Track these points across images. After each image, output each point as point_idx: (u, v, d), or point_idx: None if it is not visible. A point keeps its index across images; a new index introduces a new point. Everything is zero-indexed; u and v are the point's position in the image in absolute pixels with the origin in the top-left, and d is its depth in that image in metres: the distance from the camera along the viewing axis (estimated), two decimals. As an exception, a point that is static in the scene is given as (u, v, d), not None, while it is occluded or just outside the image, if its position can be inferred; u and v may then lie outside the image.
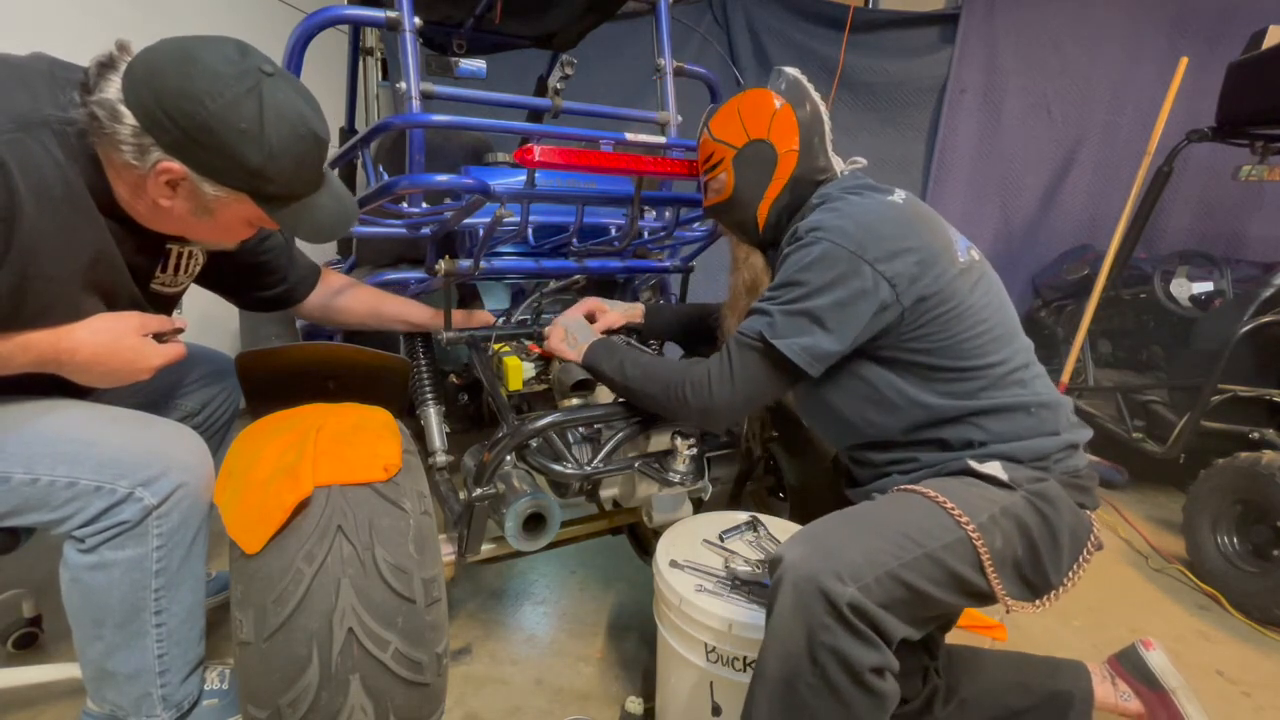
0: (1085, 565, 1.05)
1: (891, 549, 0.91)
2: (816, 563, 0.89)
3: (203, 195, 0.95)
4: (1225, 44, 2.95)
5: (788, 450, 1.59)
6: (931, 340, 1.05)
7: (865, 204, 1.10)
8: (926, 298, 1.04)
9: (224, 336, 2.97)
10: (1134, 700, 1.25)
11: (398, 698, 0.93)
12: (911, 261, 1.03)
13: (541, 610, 1.78)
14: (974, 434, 1.06)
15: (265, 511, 0.92)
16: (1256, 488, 1.87)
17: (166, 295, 1.18)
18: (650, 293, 1.99)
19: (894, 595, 0.89)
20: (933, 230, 1.09)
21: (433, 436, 1.38)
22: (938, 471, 1.08)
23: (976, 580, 0.95)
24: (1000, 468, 1.02)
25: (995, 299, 1.11)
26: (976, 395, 1.06)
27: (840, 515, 1.01)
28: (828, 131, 1.20)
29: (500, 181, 1.45)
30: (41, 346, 0.94)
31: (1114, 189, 3.27)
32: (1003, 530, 0.97)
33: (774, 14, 3.57)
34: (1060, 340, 2.94)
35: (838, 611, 0.85)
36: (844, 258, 1.02)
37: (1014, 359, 1.09)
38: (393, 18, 1.29)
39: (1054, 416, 1.08)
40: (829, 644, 0.86)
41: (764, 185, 1.19)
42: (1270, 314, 2.12)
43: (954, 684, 1.21)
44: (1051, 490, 1.01)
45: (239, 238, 1.11)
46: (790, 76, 1.20)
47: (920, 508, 0.98)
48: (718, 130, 1.23)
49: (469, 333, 1.47)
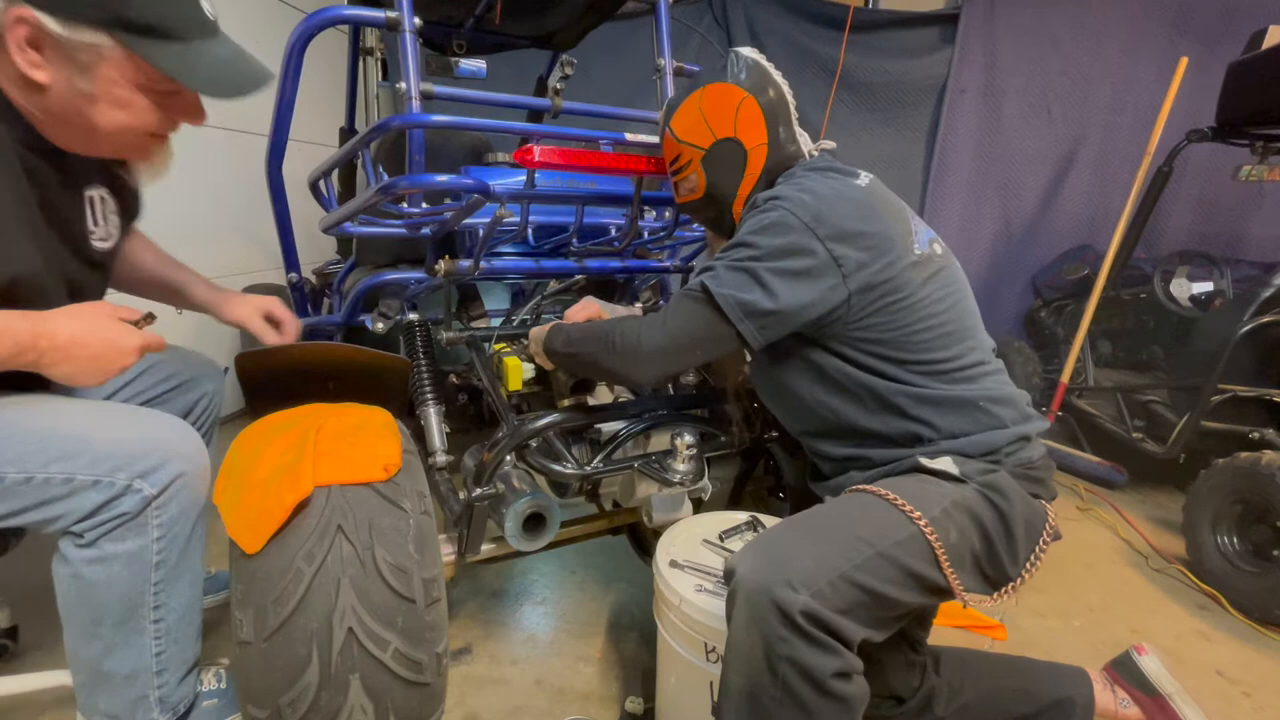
0: (1042, 556, 1.04)
1: (842, 551, 0.90)
2: (767, 573, 0.88)
3: (71, 52, 0.89)
4: (1225, 44, 2.95)
5: (788, 450, 1.59)
6: (878, 330, 1.04)
7: (828, 182, 1.09)
8: (874, 285, 1.02)
9: (224, 336, 2.97)
10: (1133, 707, 1.25)
11: (398, 698, 0.93)
12: (862, 245, 1.02)
13: (541, 610, 1.78)
14: (921, 430, 1.05)
15: (265, 511, 0.92)
16: (1256, 488, 1.86)
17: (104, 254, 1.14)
18: (650, 293, 1.99)
19: (849, 598, 0.88)
20: (892, 217, 1.08)
21: (433, 436, 1.38)
22: (890, 471, 1.07)
23: (933, 575, 0.94)
24: (951, 462, 1.02)
25: (953, 294, 1.10)
26: (924, 387, 1.05)
27: (790, 522, 1.01)
28: (793, 111, 1.18)
29: (500, 181, 1.45)
30: (17, 332, 0.89)
31: (1114, 189, 3.27)
32: (956, 523, 0.96)
33: (774, 14, 3.58)
34: (1060, 340, 2.94)
35: (791, 621, 0.84)
36: (797, 228, 1.01)
37: (965, 356, 1.08)
38: (393, 18, 1.28)
39: (1003, 411, 1.07)
40: (787, 655, 0.85)
41: (736, 183, 1.18)
42: (1270, 314, 2.12)
43: (956, 687, 1.20)
44: (1002, 481, 1.01)
45: (139, 121, 0.99)
46: (749, 60, 1.16)
47: (871, 507, 0.97)
48: (681, 131, 1.19)
49: (469, 333, 1.47)
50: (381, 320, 1.59)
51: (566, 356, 1.22)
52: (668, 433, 1.37)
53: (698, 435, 1.37)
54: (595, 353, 1.15)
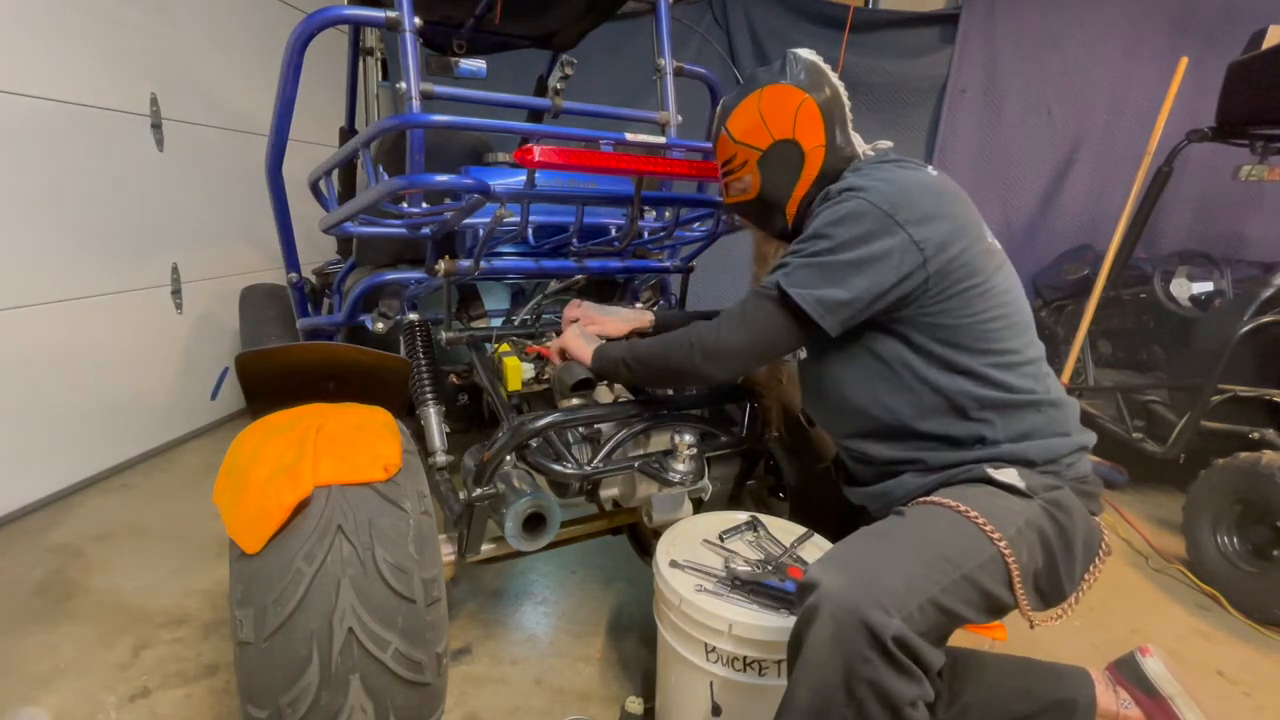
0: (1097, 573, 1.04)
1: (931, 574, 0.88)
2: (857, 592, 0.84)
3: None
4: (1225, 44, 2.94)
5: (788, 450, 1.59)
6: (952, 315, 1.04)
7: (903, 171, 1.09)
8: (953, 268, 1.02)
9: (224, 336, 2.97)
10: (1134, 708, 1.25)
11: (398, 697, 0.93)
12: (943, 229, 1.02)
13: (541, 610, 1.78)
14: (985, 430, 1.05)
15: (265, 511, 0.92)
16: (1256, 488, 1.86)
17: None
18: (650, 293, 1.99)
19: (933, 622, 0.86)
20: (965, 205, 1.09)
21: (433, 436, 1.38)
22: (950, 477, 1.06)
23: (1004, 596, 0.93)
24: (1017, 475, 1.01)
25: (1016, 287, 1.11)
26: (990, 382, 1.04)
27: (870, 535, 0.98)
28: (848, 111, 1.17)
29: (500, 181, 1.45)
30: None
31: (1114, 189, 3.27)
32: (1027, 543, 0.95)
33: (774, 14, 3.57)
34: (1060, 340, 2.93)
35: (881, 645, 0.81)
36: (875, 215, 1.00)
37: (1029, 350, 1.08)
38: (393, 18, 1.28)
39: (1063, 417, 1.07)
40: (868, 677, 0.82)
41: (793, 184, 1.17)
42: (1270, 314, 2.12)
43: (957, 688, 1.20)
44: (1066, 499, 1.00)
45: None
46: (807, 62, 1.15)
47: (950, 524, 0.96)
48: (738, 132, 1.18)
49: (469, 333, 1.47)
50: (381, 320, 1.59)
51: (631, 368, 1.23)
52: (668, 433, 1.37)
53: (698, 435, 1.36)
54: (669, 357, 1.16)
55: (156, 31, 2.49)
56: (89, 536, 2.03)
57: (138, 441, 2.59)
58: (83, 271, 2.28)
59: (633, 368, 1.23)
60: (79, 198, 2.25)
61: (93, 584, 1.80)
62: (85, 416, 2.33)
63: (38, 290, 2.13)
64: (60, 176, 2.17)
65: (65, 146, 2.18)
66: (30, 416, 2.13)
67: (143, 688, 1.43)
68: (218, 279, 2.93)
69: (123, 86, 2.38)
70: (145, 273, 2.54)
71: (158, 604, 1.71)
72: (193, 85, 2.69)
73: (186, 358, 2.78)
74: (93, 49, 2.26)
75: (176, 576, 1.84)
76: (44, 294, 2.15)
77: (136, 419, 2.56)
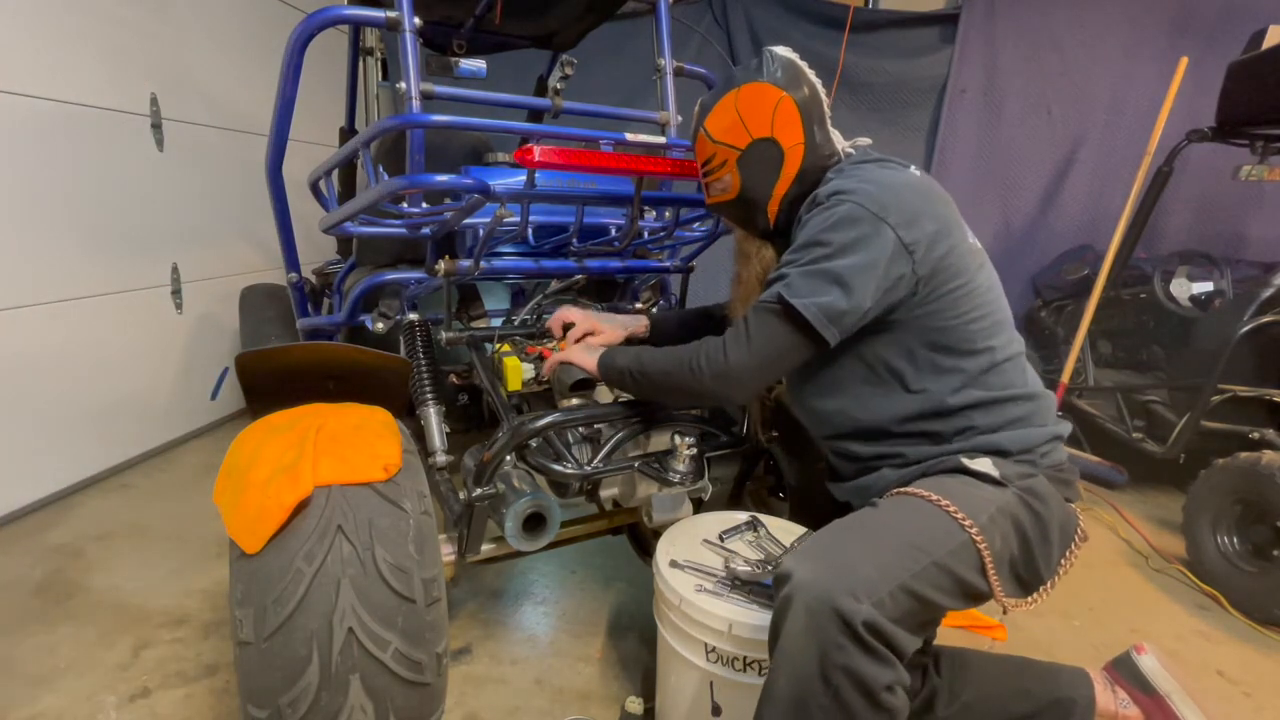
0: (1073, 559, 1.05)
1: (902, 560, 0.90)
2: (829, 581, 0.86)
3: None
4: (1225, 44, 2.94)
5: (788, 450, 1.59)
6: (940, 318, 1.05)
7: (887, 172, 1.10)
8: (940, 270, 1.03)
9: (224, 336, 2.97)
10: (1133, 707, 1.25)
11: (398, 698, 0.93)
12: (930, 229, 1.02)
13: (541, 610, 1.78)
14: (965, 425, 1.06)
15: (265, 511, 0.92)
16: (1256, 488, 1.86)
17: None
18: (650, 293, 1.99)
19: (905, 608, 0.87)
20: (949, 206, 1.10)
21: (433, 436, 1.38)
22: (928, 469, 1.07)
23: (978, 582, 0.95)
24: (991, 464, 1.02)
25: (996, 286, 1.13)
26: (975, 382, 1.06)
27: (843, 526, 1.00)
28: (827, 110, 1.17)
29: (500, 181, 1.45)
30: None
31: (1114, 189, 3.27)
32: (1000, 530, 0.97)
33: (774, 14, 3.57)
34: (1060, 340, 2.94)
35: (853, 631, 0.83)
36: (867, 219, 1.00)
37: (1010, 347, 1.10)
38: (393, 18, 1.28)
39: (1040, 409, 1.09)
40: (843, 664, 0.84)
41: (772, 183, 1.17)
42: (1270, 314, 2.12)
43: (956, 687, 1.20)
44: (1041, 486, 1.02)
45: None
46: (784, 59, 1.14)
47: (922, 512, 0.97)
48: (716, 131, 1.17)
49: (469, 333, 1.47)
50: (381, 320, 1.59)
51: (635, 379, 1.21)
52: (668, 433, 1.37)
53: (698, 435, 1.36)
54: (675, 375, 1.14)
55: (156, 31, 2.49)
56: (89, 536, 2.03)
57: (138, 441, 2.59)
58: (83, 271, 2.28)
59: (640, 381, 1.22)
60: (79, 198, 2.25)
61: (93, 584, 1.80)
62: (85, 416, 2.33)
63: (38, 290, 2.13)
64: (60, 177, 2.17)
65: (65, 146, 2.18)
66: (30, 416, 2.13)
67: (143, 688, 1.43)
68: (218, 279, 2.93)
69: (122, 86, 2.38)
70: (145, 273, 2.55)
71: (158, 604, 1.72)
72: (193, 85, 2.69)
73: (186, 358, 2.78)
74: (92, 49, 2.26)
75: (176, 576, 1.84)
76: (44, 294, 2.15)
77: (136, 419, 2.56)
